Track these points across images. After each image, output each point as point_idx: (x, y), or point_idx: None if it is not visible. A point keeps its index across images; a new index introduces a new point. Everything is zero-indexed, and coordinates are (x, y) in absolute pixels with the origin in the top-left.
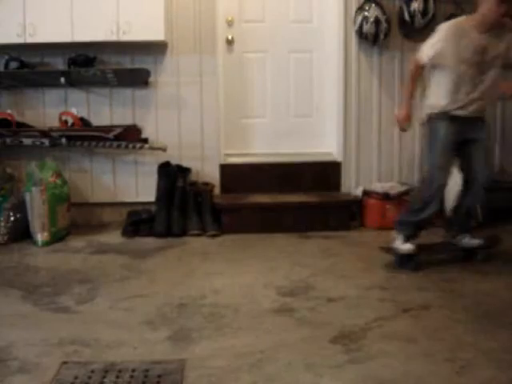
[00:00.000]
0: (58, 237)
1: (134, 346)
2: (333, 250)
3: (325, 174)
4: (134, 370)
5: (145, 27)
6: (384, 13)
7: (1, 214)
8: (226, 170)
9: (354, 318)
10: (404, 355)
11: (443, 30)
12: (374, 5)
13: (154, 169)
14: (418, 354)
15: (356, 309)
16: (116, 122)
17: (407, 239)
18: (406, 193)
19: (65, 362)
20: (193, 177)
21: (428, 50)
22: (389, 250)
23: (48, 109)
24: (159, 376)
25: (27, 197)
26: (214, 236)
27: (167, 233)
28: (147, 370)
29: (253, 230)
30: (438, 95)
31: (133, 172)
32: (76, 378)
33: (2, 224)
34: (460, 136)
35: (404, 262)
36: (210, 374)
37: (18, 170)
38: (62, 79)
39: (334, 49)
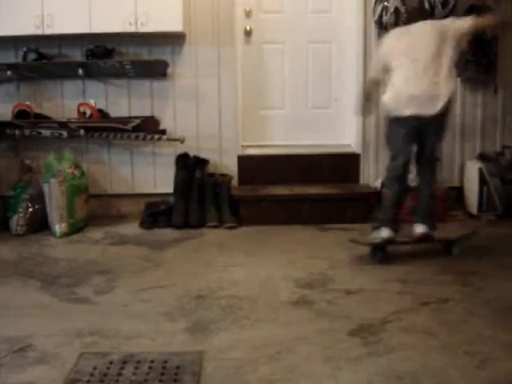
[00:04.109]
0: (76, 228)
1: (153, 337)
2: None
3: (343, 165)
4: (152, 361)
5: (163, 18)
6: (404, 3)
7: (19, 205)
8: (244, 161)
9: (372, 311)
10: (423, 348)
11: None
12: None
13: (172, 160)
14: (437, 347)
15: (375, 302)
16: (134, 114)
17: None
18: None
19: (83, 353)
20: (211, 168)
21: None
22: (357, 242)
23: (66, 100)
24: (177, 367)
25: (46, 188)
26: (231, 228)
27: (185, 224)
28: (166, 361)
29: (271, 222)
30: None
31: (151, 163)
32: (95, 368)
33: (21, 215)
34: None
35: (375, 253)
36: (228, 365)
37: (37, 161)
38: (80, 71)
39: (353, 39)
